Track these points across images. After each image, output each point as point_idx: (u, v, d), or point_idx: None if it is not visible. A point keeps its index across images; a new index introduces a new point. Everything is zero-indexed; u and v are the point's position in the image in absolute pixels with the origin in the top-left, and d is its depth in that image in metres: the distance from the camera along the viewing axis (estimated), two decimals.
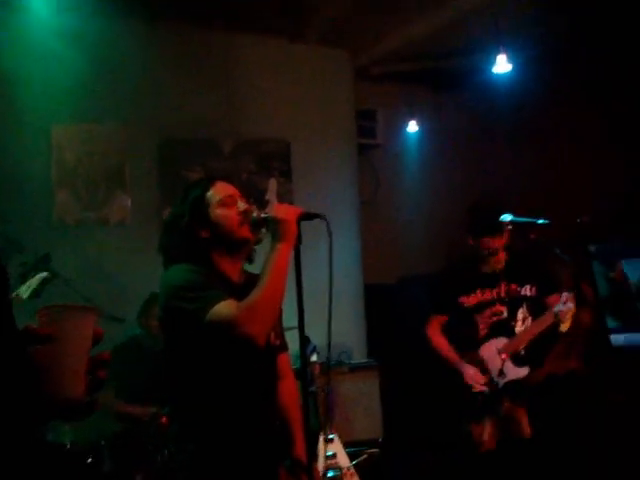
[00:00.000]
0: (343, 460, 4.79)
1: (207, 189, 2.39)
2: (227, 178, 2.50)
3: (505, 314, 3.70)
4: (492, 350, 3.70)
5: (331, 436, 4.82)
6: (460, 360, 3.77)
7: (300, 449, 2.46)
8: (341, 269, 5.23)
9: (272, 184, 5.76)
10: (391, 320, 5.94)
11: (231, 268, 2.39)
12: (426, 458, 5.35)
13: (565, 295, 3.47)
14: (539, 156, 6.46)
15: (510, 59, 5.19)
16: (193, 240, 2.34)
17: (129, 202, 5.25)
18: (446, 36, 5.77)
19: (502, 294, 3.71)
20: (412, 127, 6.90)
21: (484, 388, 3.67)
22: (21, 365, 1.17)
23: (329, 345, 2.35)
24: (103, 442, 3.89)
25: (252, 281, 2.40)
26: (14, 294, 2.75)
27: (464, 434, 3.77)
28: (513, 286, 3.69)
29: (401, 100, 6.86)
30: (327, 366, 5.04)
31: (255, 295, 2.18)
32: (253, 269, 2.45)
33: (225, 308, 2.17)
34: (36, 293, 2.91)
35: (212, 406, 2.31)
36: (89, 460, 3.75)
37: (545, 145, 6.51)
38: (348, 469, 4.79)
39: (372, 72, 6.57)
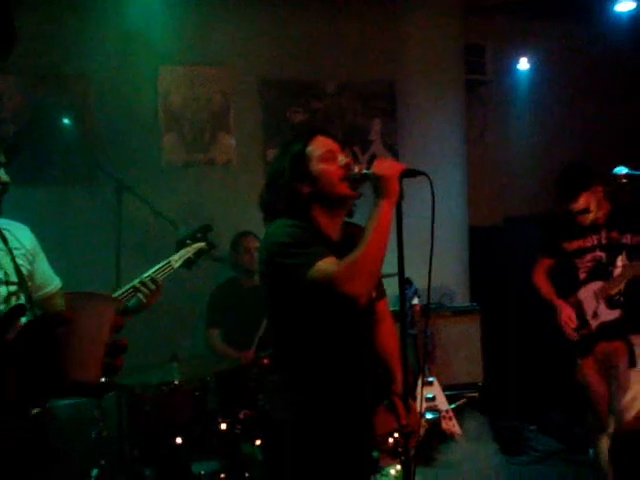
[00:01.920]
0: (442, 403, 4.82)
1: (307, 144, 2.38)
2: (327, 132, 2.46)
3: (604, 259, 3.80)
4: (589, 293, 3.84)
5: (430, 379, 4.84)
6: (559, 299, 3.94)
7: (400, 387, 2.48)
8: (446, 211, 5.15)
9: (376, 124, 5.67)
10: (496, 263, 5.83)
11: (331, 224, 2.40)
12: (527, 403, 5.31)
13: None
14: None
15: None
16: (294, 195, 2.34)
17: (234, 143, 5.31)
18: None
19: (603, 241, 3.80)
20: (523, 63, 6.58)
21: (573, 333, 3.84)
22: (47, 343, 1.27)
23: (429, 288, 2.30)
24: (209, 379, 4.06)
25: (351, 233, 2.40)
26: (166, 262, 2.71)
27: (573, 368, 3.96)
28: (614, 234, 3.76)
29: (513, 34, 6.52)
30: (427, 309, 5.03)
31: (357, 254, 2.18)
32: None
33: (327, 265, 2.18)
34: (189, 263, 2.79)
35: (314, 355, 2.36)
36: (195, 395, 3.92)
37: None
38: (447, 412, 4.82)
39: (482, 5, 6.26)
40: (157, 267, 2.72)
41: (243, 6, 5.18)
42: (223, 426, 3.78)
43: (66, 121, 4.83)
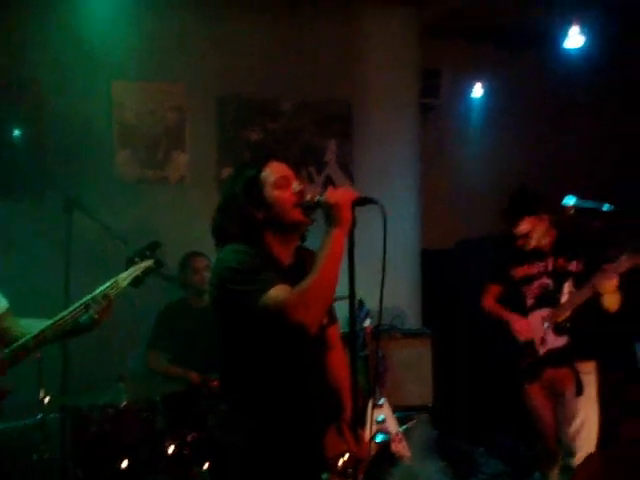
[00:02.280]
0: (392, 425, 4.82)
1: (261, 169, 2.37)
2: (281, 157, 2.46)
3: (551, 286, 3.84)
4: (537, 320, 3.86)
5: (381, 401, 4.84)
6: (510, 313, 3.95)
7: (348, 415, 2.49)
8: (399, 233, 5.17)
9: (332, 145, 5.69)
10: (448, 286, 5.88)
11: (283, 249, 2.39)
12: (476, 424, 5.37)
13: (607, 268, 3.53)
14: (611, 130, 6.21)
15: (583, 32, 4.93)
16: (247, 220, 2.33)
17: (188, 160, 5.27)
18: None
19: (549, 267, 3.85)
20: (477, 88, 6.70)
21: (530, 335, 3.84)
22: None
23: (380, 310, 2.32)
24: (157, 399, 4.00)
25: (303, 258, 2.40)
26: (114, 280, 2.69)
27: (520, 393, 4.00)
28: (560, 261, 3.81)
29: (467, 59, 6.64)
30: (378, 331, 5.04)
31: (309, 282, 2.17)
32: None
33: (278, 293, 2.17)
34: (137, 281, 2.75)
35: (263, 381, 2.33)
36: (143, 416, 3.86)
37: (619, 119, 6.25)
38: (397, 434, 4.82)
39: (438, 29, 6.35)
40: (105, 285, 2.70)
41: (200, 22, 5.16)
42: (171, 448, 3.73)
43: (16, 132, 4.75)
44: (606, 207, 3.07)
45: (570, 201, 3.18)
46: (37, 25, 4.73)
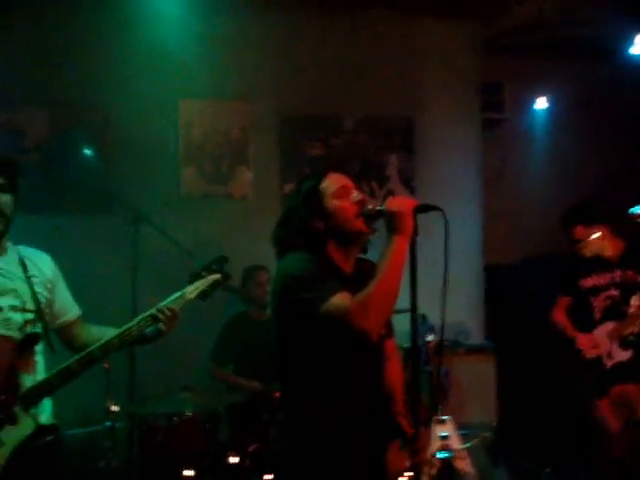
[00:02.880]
0: (455, 442, 4.76)
1: (321, 180, 2.39)
2: (340, 168, 2.48)
3: (618, 298, 3.81)
4: (603, 333, 3.84)
5: (444, 417, 4.78)
6: (571, 330, 3.94)
7: (400, 406, 2.48)
8: (462, 248, 5.15)
9: (393, 160, 5.70)
10: (512, 302, 5.79)
11: (345, 259, 2.39)
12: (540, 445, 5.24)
13: None
14: None
15: None
16: (308, 231, 2.34)
17: (251, 177, 5.36)
18: (580, 4, 5.48)
19: (617, 279, 3.83)
20: (541, 102, 6.62)
21: (595, 352, 3.82)
22: None
23: (442, 325, 2.31)
24: (220, 410, 4.05)
25: (364, 269, 2.40)
26: (181, 293, 2.72)
27: (586, 410, 3.94)
28: (629, 273, 3.78)
29: (530, 73, 6.57)
30: (441, 346, 4.99)
31: (370, 290, 2.17)
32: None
33: (341, 300, 2.16)
34: (204, 295, 2.78)
35: (324, 392, 2.32)
36: (206, 427, 3.91)
37: None
38: (460, 451, 4.75)
39: (501, 43, 6.32)
40: (172, 298, 2.74)
41: (264, 41, 5.27)
42: (233, 459, 3.77)
43: (86, 151, 4.92)
44: None
45: (638, 210, 3.10)
46: (104, 44, 4.91)
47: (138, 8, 4.87)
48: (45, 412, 2.60)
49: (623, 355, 3.76)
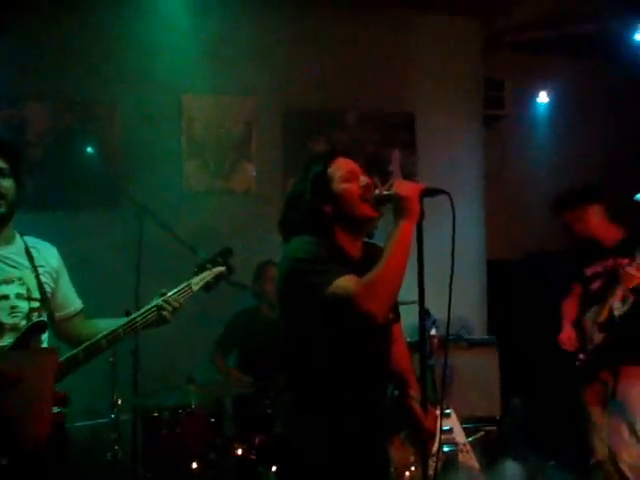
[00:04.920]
0: (459, 436, 4.76)
1: (329, 164, 2.40)
2: (348, 153, 2.48)
3: (605, 285, 3.86)
4: (590, 318, 3.92)
5: (447, 411, 4.78)
6: (567, 322, 4.03)
7: (416, 390, 2.48)
8: (464, 244, 5.10)
9: (396, 155, 5.72)
10: (514, 297, 5.80)
11: (351, 243, 2.39)
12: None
13: (626, 260, 3.58)
14: None
15: None
16: (315, 215, 2.35)
17: (254, 172, 5.37)
18: (583, 3, 5.50)
19: (610, 266, 3.86)
20: (542, 98, 6.63)
21: (572, 348, 3.92)
22: None
23: (448, 319, 2.32)
24: (225, 403, 4.05)
25: (370, 253, 2.40)
26: (186, 284, 2.77)
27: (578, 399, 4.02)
28: (620, 260, 3.78)
29: (531, 69, 6.59)
30: (445, 340, 4.99)
31: (376, 272, 2.17)
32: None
33: (346, 283, 2.17)
34: (208, 286, 2.84)
35: (330, 374, 2.33)
36: (211, 420, 3.91)
37: None
38: (464, 445, 4.75)
39: (502, 40, 6.34)
40: (177, 289, 2.76)
41: (266, 37, 5.29)
42: (239, 451, 3.77)
43: (90, 146, 4.93)
44: None
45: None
46: (108, 40, 4.92)
47: (141, 4, 4.89)
48: None
49: (598, 338, 3.83)
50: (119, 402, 3.69)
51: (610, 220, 3.91)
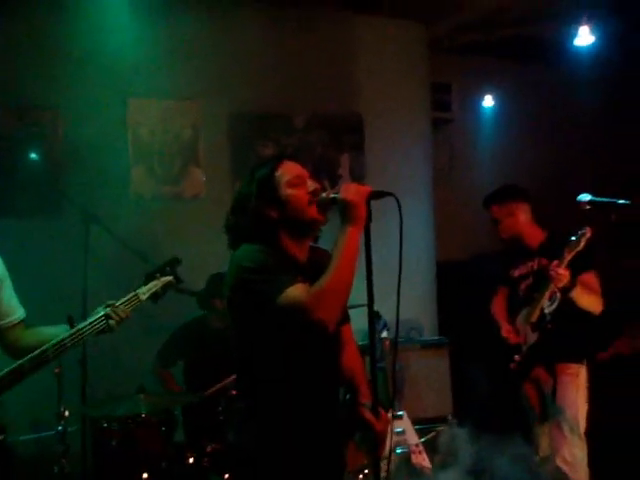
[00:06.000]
0: (412, 437, 4.79)
1: (275, 169, 2.38)
2: (295, 157, 2.47)
3: (532, 285, 3.90)
4: (521, 318, 3.95)
5: (400, 413, 4.81)
6: (502, 319, 4.08)
7: (366, 397, 2.46)
8: (413, 245, 5.19)
9: (345, 159, 5.73)
10: (463, 297, 5.87)
11: (298, 249, 2.39)
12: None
13: (555, 262, 3.58)
14: (626, 134, 6.24)
15: (593, 30, 4.99)
16: (261, 220, 2.33)
17: (203, 177, 5.33)
18: (524, 5, 5.59)
19: (534, 267, 3.91)
20: (488, 101, 6.74)
21: (518, 339, 3.93)
22: None
23: (397, 321, 2.32)
24: (176, 412, 4.00)
25: (317, 258, 2.40)
26: (133, 294, 2.73)
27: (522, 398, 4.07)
28: (544, 261, 3.81)
29: (477, 73, 6.69)
30: (395, 342, 5.03)
31: (325, 280, 2.16)
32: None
33: (296, 292, 2.16)
34: (156, 296, 2.81)
35: (282, 381, 2.32)
36: (162, 429, 3.85)
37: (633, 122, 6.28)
38: (417, 446, 4.79)
39: (447, 44, 6.43)
40: (125, 299, 2.72)
41: (212, 40, 5.25)
42: (191, 460, 3.72)
43: (34, 152, 4.82)
44: (621, 201, 3.07)
45: (585, 197, 3.17)
46: (50, 45, 4.82)
47: (85, 8, 4.79)
48: None
49: (532, 337, 3.87)
50: (66, 413, 3.61)
51: (535, 221, 3.99)
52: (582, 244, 3.54)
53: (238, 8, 5.31)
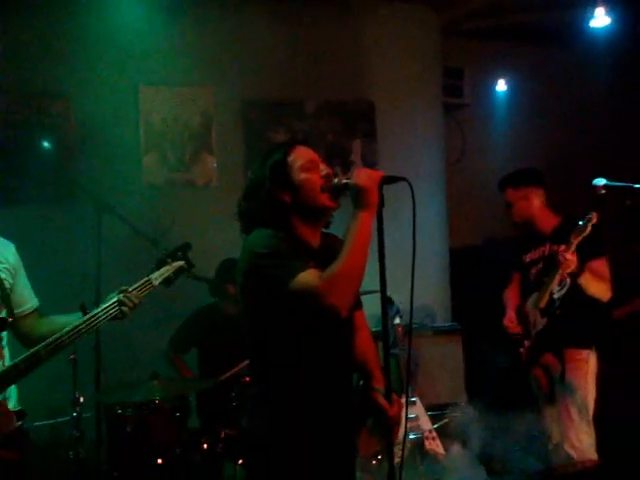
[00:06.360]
0: (425, 423, 4.79)
1: (288, 153, 2.37)
2: (307, 142, 2.46)
3: (542, 271, 3.87)
4: (531, 303, 3.93)
5: (413, 399, 4.82)
6: (509, 307, 4.05)
7: (379, 382, 2.45)
8: (426, 231, 5.17)
9: (357, 145, 5.71)
10: (476, 283, 5.85)
11: (310, 234, 2.38)
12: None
13: (563, 247, 3.57)
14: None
15: (609, 12, 4.94)
16: (274, 205, 2.32)
17: (215, 164, 5.32)
18: None
19: (546, 252, 3.89)
20: (501, 86, 6.69)
21: (515, 331, 3.95)
22: None
23: (411, 308, 2.30)
24: (190, 398, 4.01)
25: (329, 244, 2.39)
26: (146, 279, 2.74)
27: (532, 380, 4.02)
28: (555, 247, 3.78)
29: (490, 57, 6.63)
30: (409, 329, 5.02)
31: (337, 265, 2.16)
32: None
33: (308, 278, 2.15)
34: (168, 281, 2.81)
35: (294, 366, 2.32)
36: (176, 415, 3.87)
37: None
38: (430, 432, 4.79)
39: (460, 28, 6.37)
40: (138, 284, 2.74)
41: (224, 27, 5.24)
42: (205, 446, 3.74)
43: (47, 140, 4.83)
44: (637, 185, 3.05)
45: (600, 182, 3.14)
46: (63, 33, 4.82)
47: None
48: (12, 398, 2.57)
49: (542, 322, 3.86)
50: (81, 399, 3.64)
51: (548, 206, 3.97)
52: (588, 229, 3.53)
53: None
